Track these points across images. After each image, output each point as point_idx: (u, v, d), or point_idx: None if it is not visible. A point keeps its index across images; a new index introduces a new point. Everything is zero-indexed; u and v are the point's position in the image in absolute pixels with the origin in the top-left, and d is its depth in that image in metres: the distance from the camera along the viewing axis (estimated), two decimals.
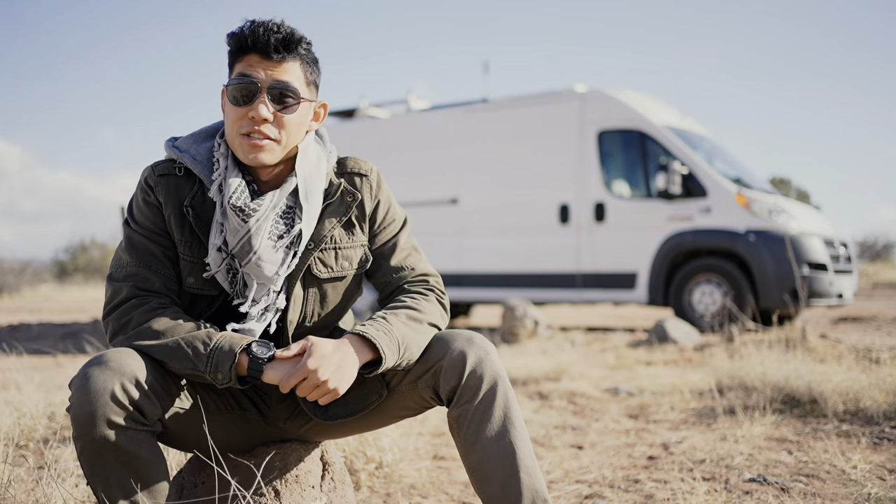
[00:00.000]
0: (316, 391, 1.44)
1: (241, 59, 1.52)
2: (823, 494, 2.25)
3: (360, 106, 10.57)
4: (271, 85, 1.51)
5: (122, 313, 1.51)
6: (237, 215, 1.52)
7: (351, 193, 1.66)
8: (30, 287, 23.80)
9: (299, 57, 1.54)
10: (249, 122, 1.51)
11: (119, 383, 1.36)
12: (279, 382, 1.45)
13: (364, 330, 1.50)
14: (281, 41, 1.50)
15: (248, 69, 1.51)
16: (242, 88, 1.50)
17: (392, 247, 1.72)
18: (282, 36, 1.50)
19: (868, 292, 16.58)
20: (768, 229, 7.47)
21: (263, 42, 1.49)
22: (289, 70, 1.53)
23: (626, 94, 8.58)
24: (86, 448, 1.37)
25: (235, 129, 1.53)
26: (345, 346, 1.48)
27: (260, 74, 1.50)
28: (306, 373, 1.43)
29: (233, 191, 1.52)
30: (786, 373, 3.76)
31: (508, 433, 1.52)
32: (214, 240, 1.54)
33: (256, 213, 1.52)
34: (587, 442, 3.14)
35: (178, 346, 1.44)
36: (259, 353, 1.45)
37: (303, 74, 1.56)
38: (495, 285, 8.89)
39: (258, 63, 1.51)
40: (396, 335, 1.52)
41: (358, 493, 2.35)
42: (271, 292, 1.58)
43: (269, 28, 1.49)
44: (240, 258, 1.54)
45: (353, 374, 1.48)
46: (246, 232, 1.52)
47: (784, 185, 29.67)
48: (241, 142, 1.53)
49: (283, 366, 1.46)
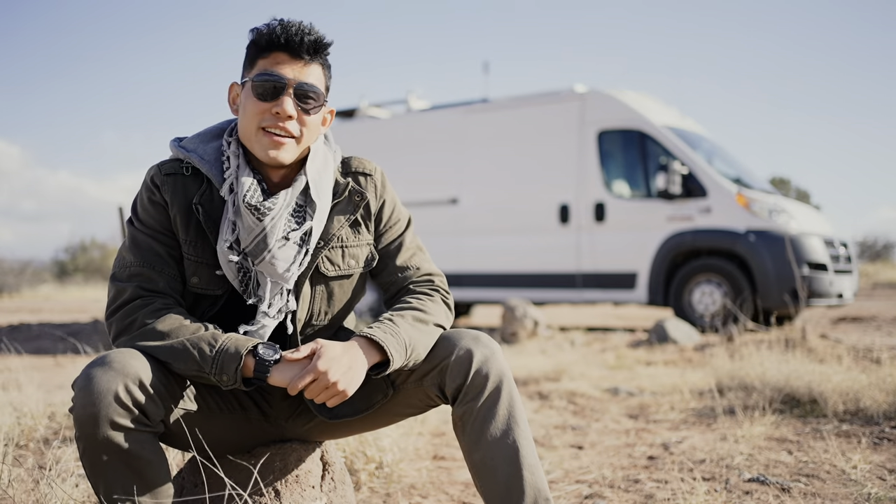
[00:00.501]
0: (325, 393, 1.45)
1: (268, 56, 1.54)
2: (823, 494, 2.25)
3: (360, 106, 10.57)
4: (298, 84, 1.53)
5: (126, 314, 1.51)
6: (252, 213, 1.52)
7: (359, 193, 1.68)
8: (30, 287, 23.79)
9: (323, 61, 1.58)
10: (272, 118, 1.53)
11: (122, 384, 1.36)
12: (286, 385, 1.45)
13: (372, 333, 1.51)
14: (312, 43, 1.53)
15: (275, 67, 1.52)
16: (270, 85, 1.52)
17: (398, 246, 1.73)
18: (314, 38, 1.53)
19: (868, 292, 16.58)
20: (768, 229, 7.47)
21: (296, 42, 1.52)
22: (313, 72, 1.56)
23: (626, 94, 8.58)
24: (88, 449, 1.37)
25: (256, 123, 1.54)
26: (353, 349, 1.49)
27: (287, 73, 1.52)
28: (317, 374, 1.43)
29: (246, 189, 1.53)
30: (786, 373, 3.77)
31: (512, 432, 1.53)
32: (226, 237, 1.54)
33: (272, 211, 1.53)
34: (587, 442, 3.14)
35: (184, 347, 1.44)
36: (265, 356, 1.45)
37: (323, 78, 1.59)
38: (495, 285, 8.89)
39: (287, 62, 1.53)
40: (404, 337, 1.53)
41: (358, 493, 2.35)
42: (284, 291, 1.58)
43: (302, 29, 1.52)
44: (253, 256, 1.55)
45: (362, 375, 1.49)
46: (261, 230, 1.53)
47: (784, 185, 29.66)
48: (260, 137, 1.54)
49: (290, 368, 1.47)
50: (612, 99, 8.43)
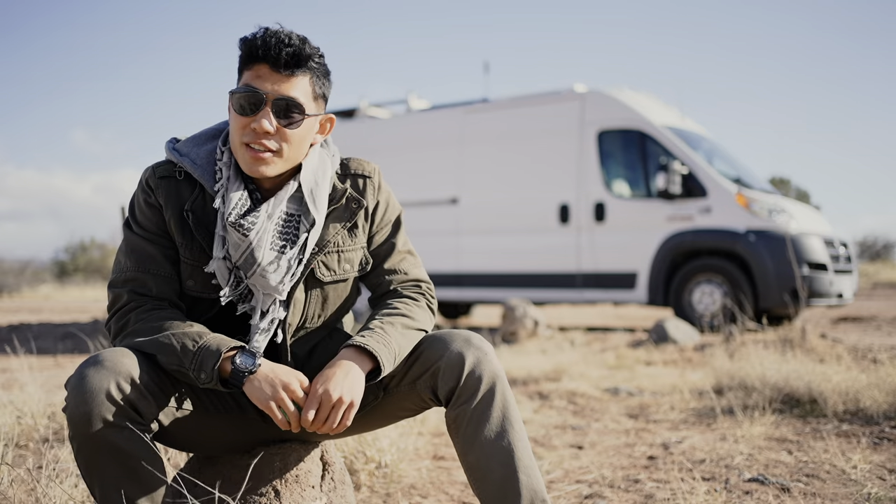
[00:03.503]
0: (334, 413, 1.44)
1: (251, 68, 1.50)
2: (823, 494, 2.25)
3: (360, 106, 10.56)
4: (277, 98, 1.48)
5: (121, 316, 1.52)
6: (236, 230, 1.51)
7: (356, 200, 1.66)
8: (30, 287, 23.80)
9: (310, 71, 1.51)
10: (252, 133, 1.49)
11: (114, 382, 1.36)
12: (257, 402, 1.44)
13: (365, 342, 1.51)
14: (291, 55, 1.47)
15: (255, 80, 1.49)
16: (248, 98, 1.48)
17: (388, 249, 1.72)
18: (292, 50, 1.47)
19: (868, 292, 16.58)
20: (768, 229, 7.46)
21: (274, 55, 1.46)
22: (297, 84, 1.50)
23: (626, 94, 8.58)
24: (82, 447, 1.37)
25: (238, 138, 1.52)
26: (343, 363, 1.49)
27: (267, 86, 1.48)
28: (319, 398, 1.43)
29: (232, 206, 1.52)
30: (785, 373, 3.76)
31: (507, 433, 1.52)
32: (217, 252, 1.54)
33: (255, 226, 1.52)
34: (587, 442, 3.14)
35: (169, 341, 1.44)
36: (242, 365, 1.44)
37: (311, 88, 1.53)
38: (495, 285, 8.89)
39: (267, 74, 1.48)
40: (394, 346, 1.54)
41: (358, 493, 2.35)
42: (277, 302, 1.57)
43: (281, 40, 1.46)
44: (244, 270, 1.54)
45: (362, 382, 1.49)
46: (248, 246, 1.52)
47: (784, 185, 29.64)
48: (243, 152, 1.52)
49: (266, 385, 1.44)
50: (612, 99, 8.43)
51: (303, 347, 1.67)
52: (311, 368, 1.63)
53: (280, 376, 1.46)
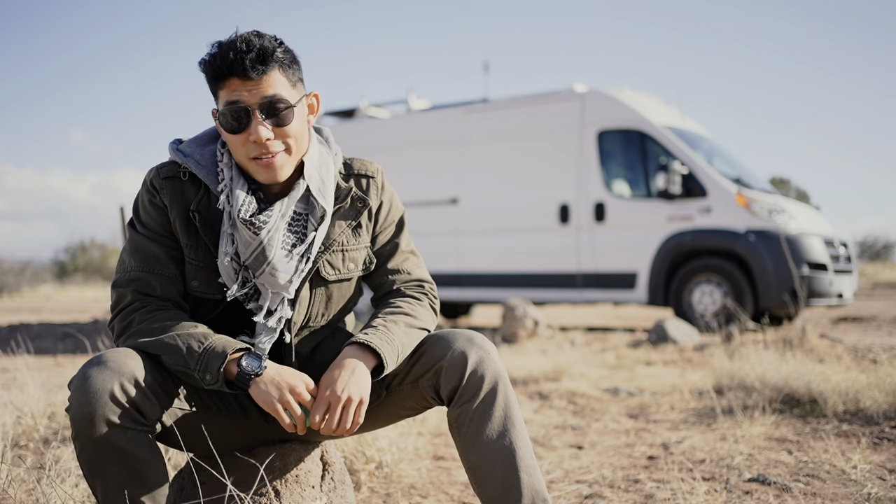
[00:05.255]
0: (345, 413, 1.45)
1: (223, 86, 1.48)
2: (823, 494, 2.25)
3: (360, 106, 10.57)
4: (260, 103, 1.47)
5: (125, 316, 1.52)
6: (248, 228, 1.51)
7: (361, 199, 1.67)
8: (30, 287, 23.80)
9: (277, 63, 1.48)
10: (254, 147, 1.49)
11: (118, 383, 1.36)
12: (263, 405, 1.44)
13: (368, 339, 1.51)
14: (255, 59, 1.45)
15: (232, 95, 1.47)
16: (233, 115, 1.47)
17: (392, 248, 1.73)
18: (255, 54, 1.45)
19: (868, 292, 16.58)
20: (768, 229, 7.47)
21: (240, 65, 1.44)
22: (272, 82, 1.48)
23: (626, 94, 8.58)
24: (85, 448, 1.37)
25: (244, 155, 1.51)
26: (346, 361, 1.49)
27: (245, 96, 1.47)
28: (327, 400, 1.44)
29: (241, 203, 1.52)
30: (785, 373, 3.76)
31: (509, 433, 1.52)
32: (227, 249, 1.54)
33: (267, 224, 1.52)
34: (587, 442, 3.14)
35: (174, 341, 1.44)
36: (248, 368, 1.44)
37: (286, 79, 1.51)
38: (495, 285, 8.89)
39: (240, 86, 1.47)
40: (397, 344, 1.54)
41: (358, 493, 2.35)
42: (285, 300, 1.58)
43: (240, 49, 1.44)
44: (253, 269, 1.54)
45: (368, 378, 1.49)
46: (259, 244, 1.52)
47: (784, 185, 29.64)
48: (252, 167, 1.52)
49: (272, 388, 1.45)
50: (612, 99, 8.42)
51: (306, 346, 1.67)
52: (314, 367, 1.63)
53: (286, 379, 1.46)
